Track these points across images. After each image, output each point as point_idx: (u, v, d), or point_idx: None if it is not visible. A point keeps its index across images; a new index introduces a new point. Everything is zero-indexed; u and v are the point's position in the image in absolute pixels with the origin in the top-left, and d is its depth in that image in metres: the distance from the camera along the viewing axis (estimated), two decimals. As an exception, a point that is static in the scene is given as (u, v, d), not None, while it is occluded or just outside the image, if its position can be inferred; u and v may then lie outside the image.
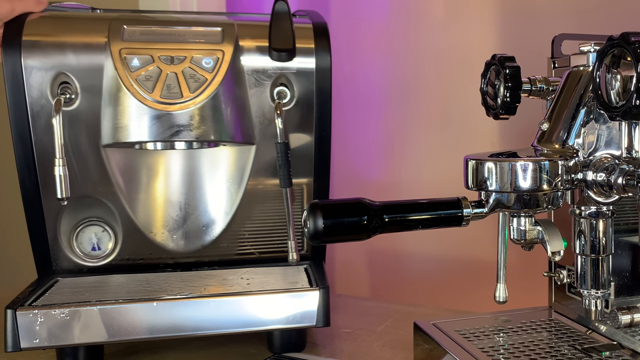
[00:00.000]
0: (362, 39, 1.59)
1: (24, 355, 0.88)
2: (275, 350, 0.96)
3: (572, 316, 0.88)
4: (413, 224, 0.65)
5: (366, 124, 1.61)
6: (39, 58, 0.93)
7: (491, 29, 1.43)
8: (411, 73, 1.55)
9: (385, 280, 1.62)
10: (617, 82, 0.63)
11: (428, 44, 1.52)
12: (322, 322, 0.91)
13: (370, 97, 1.60)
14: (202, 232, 1.03)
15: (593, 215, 0.70)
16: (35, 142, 0.94)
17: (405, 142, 1.57)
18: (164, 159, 1.01)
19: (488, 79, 0.80)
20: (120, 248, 1.02)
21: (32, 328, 0.84)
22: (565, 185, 0.66)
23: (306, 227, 0.61)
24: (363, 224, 0.62)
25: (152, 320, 0.87)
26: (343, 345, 1.00)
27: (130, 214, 1.01)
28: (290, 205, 0.94)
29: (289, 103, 0.99)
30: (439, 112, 1.51)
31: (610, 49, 0.63)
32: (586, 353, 0.77)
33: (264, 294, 0.90)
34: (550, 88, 0.77)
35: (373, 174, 1.61)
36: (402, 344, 0.99)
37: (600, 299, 0.71)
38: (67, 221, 0.99)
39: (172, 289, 0.93)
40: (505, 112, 0.77)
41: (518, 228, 0.70)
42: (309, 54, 0.99)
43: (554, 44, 0.87)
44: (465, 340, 0.82)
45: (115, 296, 0.90)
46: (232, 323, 0.89)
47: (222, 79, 0.95)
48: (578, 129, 0.69)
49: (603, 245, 0.70)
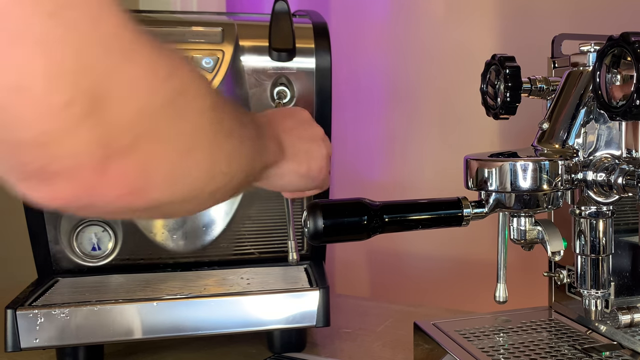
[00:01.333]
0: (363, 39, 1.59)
1: (24, 355, 0.88)
2: (275, 350, 0.96)
3: (572, 316, 0.88)
4: (413, 224, 0.65)
5: (366, 124, 1.61)
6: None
7: (491, 29, 1.43)
8: (411, 73, 1.55)
9: (385, 280, 1.62)
10: (617, 82, 0.63)
11: (428, 44, 1.52)
12: (322, 322, 0.91)
13: (370, 97, 1.60)
14: (202, 232, 1.03)
15: (593, 215, 0.70)
16: (35, 142, 0.94)
17: (405, 142, 1.57)
18: (164, 159, 1.00)
19: (488, 79, 0.80)
20: (120, 248, 1.01)
21: (32, 328, 0.84)
22: (565, 185, 0.66)
23: (306, 227, 0.61)
24: (363, 224, 0.62)
25: (152, 320, 0.87)
26: (343, 345, 1.00)
27: (130, 214, 1.01)
28: (290, 205, 0.94)
29: (288, 103, 0.99)
30: (439, 112, 1.51)
31: (610, 49, 0.63)
32: (586, 353, 0.77)
33: (264, 294, 0.90)
34: (550, 88, 0.77)
35: (373, 173, 1.61)
36: (402, 344, 0.99)
37: (600, 299, 0.71)
38: (67, 221, 0.99)
39: (172, 289, 0.93)
40: (505, 112, 0.77)
41: (518, 228, 0.69)
42: (309, 54, 0.99)
43: (554, 44, 0.87)
44: (465, 340, 0.82)
45: (115, 296, 0.90)
46: (232, 323, 0.89)
47: (222, 79, 0.95)
48: (578, 129, 0.69)
49: (603, 245, 0.70)
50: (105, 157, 0.38)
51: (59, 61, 0.35)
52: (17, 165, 0.38)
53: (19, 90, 0.34)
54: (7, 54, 0.34)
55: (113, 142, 0.38)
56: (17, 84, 0.34)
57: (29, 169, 0.37)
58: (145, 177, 0.42)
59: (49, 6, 0.34)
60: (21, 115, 0.35)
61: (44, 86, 0.34)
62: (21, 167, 0.37)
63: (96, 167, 0.38)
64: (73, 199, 0.39)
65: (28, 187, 0.39)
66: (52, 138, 0.36)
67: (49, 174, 0.37)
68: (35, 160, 0.37)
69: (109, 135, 0.38)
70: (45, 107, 0.35)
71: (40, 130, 0.35)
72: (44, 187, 0.38)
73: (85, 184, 0.39)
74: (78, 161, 0.37)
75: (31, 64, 0.34)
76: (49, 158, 0.37)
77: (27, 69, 0.34)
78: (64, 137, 0.36)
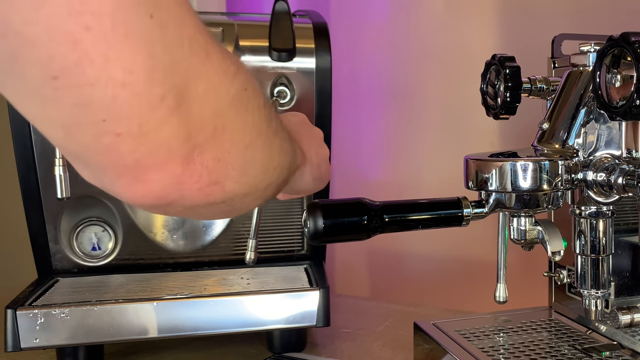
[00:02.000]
0: (362, 39, 1.59)
1: (24, 355, 0.88)
2: (275, 350, 0.96)
3: (572, 316, 0.88)
4: (413, 224, 0.65)
5: (366, 124, 1.61)
6: (39, 58, 0.93)
7: (491, 29, 1.43)
8: (411, 73, 1.55)
9: (385, 280, 1.62)
10: (617, 82, 0.63)
11: (428, 44, 1.52)
12: (322, 322, 0.91)
13: (370, 97, 1.60)
14: (202, 232, 1.03)
15: (593, 215, 0.70)
16: (35, 142, 0.94)
17: (405, 142, 1.57)
18: (164, 159, 1.01)
19: (488, 79, 0.80)
20: (120, 248, 1.01)
21: (32, 328, 0.84)
22: (565, 185, 0.66)
23: (306, 227, 0.61)
24: (363, 224, 0.62)
25: (152, 320, 0.87)
26: (343, 345, 1.00)
27: (130, 213, 1.01)
28: None
29: (288, 103, 0.99)
30: (439, 112, 1.51)
31: (610, 49, 0.63)
32: (586, 353, 0.77)
33: (264, 294, 0.90)
34: (550, 88, 0.77)
35: (373, 173, 1.61)
36: (402, 344, 0.99)
37: (600, 299, 0.71)
38: (67, 221, 0.99)
39: (172, 289, 0.93)
40: (505, 112, 0.77)
41: (518, 228, 0.69)
42: (309, 54, 0.99)
43: (554, 44, 0.87)
44: (465, 340, 0.82)
45: (115, 296, 0.90)
46: (232, 323, 0.89)
47: (222, 79, 0.95)
48: (578, 129, 0.69)
49: (603, 245, 0.70)
50: (191, 149, 0.42)
51: (156, 59, 0.38)
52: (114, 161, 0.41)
53: (124, 85, 0.37)
54: (117, 51, 0.37)
55: (196, 134, 0.42)
56: (123, 80, 0.37)
57: (126, 163, 0.41)
58: (222, 169, 0.45)
59: (150, 8, 0.38)
60: (125, 108, 0.38)
61: (145, 81, 0.38)
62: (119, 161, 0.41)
63: (183, 159, 0.42)
64: (163, 195, 0.43)
65: (123, 184, 0.42)
66: (150, 129, 0.39)
67: (143, 168, 0.41)
68: (132, 152, 0.40)
69: (193, 128, 0.41)
70: (145, 100, 0.38)
71: (140, 122, 0.39)
72: (137, 184, 0.42)
73: (174, 177, 0.42)
74: (168, 153, 0.41)
75: (135, 61, 0.37)
76: (145, 149, 0.40)
77: (132, 66, 0.37)
78: (159, 128, 0.40)
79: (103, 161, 0.41)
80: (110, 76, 0.37)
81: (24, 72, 0.37)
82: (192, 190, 0.44)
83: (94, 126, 0.39)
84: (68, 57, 0.36)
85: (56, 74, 0.36)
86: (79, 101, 0.37)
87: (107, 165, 0.42)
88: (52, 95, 0.37)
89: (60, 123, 0.39)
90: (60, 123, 0.39)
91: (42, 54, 0.35)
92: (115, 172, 0.42)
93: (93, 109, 0.38)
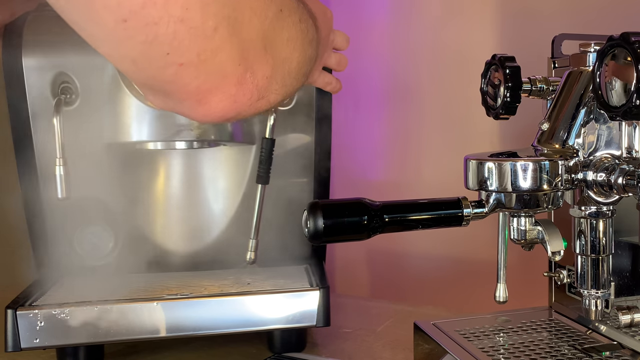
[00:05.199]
0: (362, 39, 1.58)
1: (24, 355, 0.88)
2: (275, 350, 0.96)
3: (572, 316, 0.88)
4: (413, 224, 0.65)
5: (366, 124, 1.61)
6: (39, 58, 0.93)
7: (491, 29, 1.43)
8: (411, 73, 1.55)
9: (385, 280, 1.62)
10: (617, 82, 0.63)
11: (428, 44, 1.51)
12: (322, 322, 0.91)
13: (370, 97, 1.60)
14: (202, 232, 1.03)
15: (593, 215, 0.70)
16: (35, 142, 0.94)
17: (406, 142, 1.56)
18: (164, 159, 1.01)
19: (488, 79, 0.80)
20: (120, 248, 1.01)
21: (33, 328, 0.84)
22: (565, 185, 0.66)
23: (306, 227, 0.61)
24: (363, 223, 0.62)
25: (152, 320, 0.87)
26: (343, 345, 1.00)
27: (130, 214, 1.01)
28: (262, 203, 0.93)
29: (289, 103, 0.99)
30: (439, 112, 1.51)
31: (610, 49, 0.63)
32: (586, 353, 0.77)
33: (264, 294, 0.90)
34: (550, 88, 0.77)
35: (373, 173, 1.61)
36: (402, 344, 0.99)
37: (600, 299, 0.71)
38: (67, 221, 0.99)
39: (172, 289, 0.93)
40: (505, 112, 0.77)
41: (518, 228, 0.69)
42: (309, 54, 0.99)
43: (554, 44, 0.87)
44: (465, 340, 0.82)
45: (115, 296, 0.90)
46: (233, 323, 0.89)
47: (222, 79, 0.95)
48: (578, 129, 0.69)
49: (603, 245, 0.70)
50: (244, 70, 0.48)
51: None
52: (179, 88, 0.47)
53: (183, 21, 0.43)
54: None
55: (247, 56, 0.48)
56: (182, 16, 0.43)
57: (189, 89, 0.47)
58: (268, 84, 0.52)
59: None
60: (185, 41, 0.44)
61: (200, 16, 0.44)
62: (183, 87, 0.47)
63: (237, 81, 0.48)
64: (223, 114, 0.50)
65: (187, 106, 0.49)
66: (208, 57, 0.45)
67: (204, 92, 0.48)
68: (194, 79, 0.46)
69: (244, 51, 0.48)
70: (201, 32, 0.44)
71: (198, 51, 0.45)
72: (200, 106, 0.49)
73: (230, 97, 0.49)
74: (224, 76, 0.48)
75: None
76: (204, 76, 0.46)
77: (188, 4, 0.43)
78: (214, 55, 0.46)
79: (169, 88, 0.48)
80: (170, 14, 0.42)
81: (99, 17, 0.42)
82: (245, 106, 0.51)
83: (160, 59, 0.45)
84: (135, 1, 0.41)
85: (125, 17, 0.42)
86: (146, 39, 0.43)
87: (173, 92, 0.48)
88: (123, 35, 0.43)
89: (131, 59, 0.45)
90: (132, 59, 0.45)
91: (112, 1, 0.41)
92: (179, 97, 0.49)
93: (158, 45, 0.43)
